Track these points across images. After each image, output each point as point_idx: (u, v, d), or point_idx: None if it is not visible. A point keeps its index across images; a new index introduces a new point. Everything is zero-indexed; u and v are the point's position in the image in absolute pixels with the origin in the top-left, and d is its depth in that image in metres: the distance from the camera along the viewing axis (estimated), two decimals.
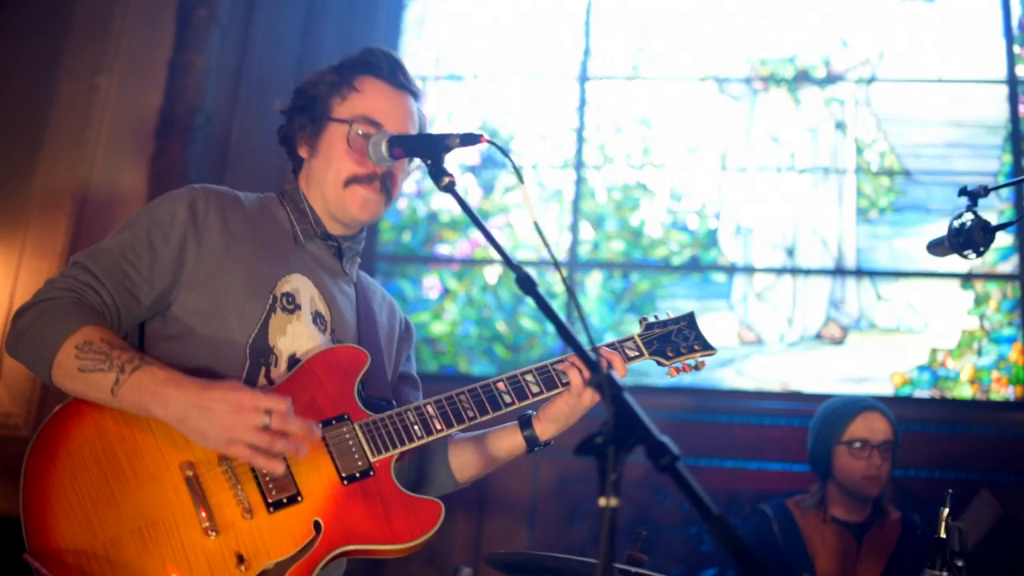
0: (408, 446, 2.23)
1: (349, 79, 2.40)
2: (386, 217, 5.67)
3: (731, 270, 5.42)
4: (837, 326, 5.27)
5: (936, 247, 3.31)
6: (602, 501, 1.60)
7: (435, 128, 5.75)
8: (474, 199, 5.65)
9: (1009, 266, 5.26)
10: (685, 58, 5.74)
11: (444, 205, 5.67)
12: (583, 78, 5.78)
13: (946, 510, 2.72)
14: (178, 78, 5.39)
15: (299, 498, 2.10)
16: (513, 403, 2.33)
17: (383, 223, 5.65)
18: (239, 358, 2.21)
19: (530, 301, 2.24)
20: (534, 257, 5.53)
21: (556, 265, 1.92)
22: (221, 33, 5.48)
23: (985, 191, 3.28)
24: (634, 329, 2.55)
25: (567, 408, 2.36)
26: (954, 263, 5.24)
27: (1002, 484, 4.81)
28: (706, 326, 2.61)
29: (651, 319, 2.58)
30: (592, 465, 4.86)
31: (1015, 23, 5.62)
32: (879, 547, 3.71)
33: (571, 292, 1.84)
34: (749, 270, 5.41)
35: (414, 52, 5.99)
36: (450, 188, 2.10)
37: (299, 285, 2.32)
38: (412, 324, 2.72)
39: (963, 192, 3.30)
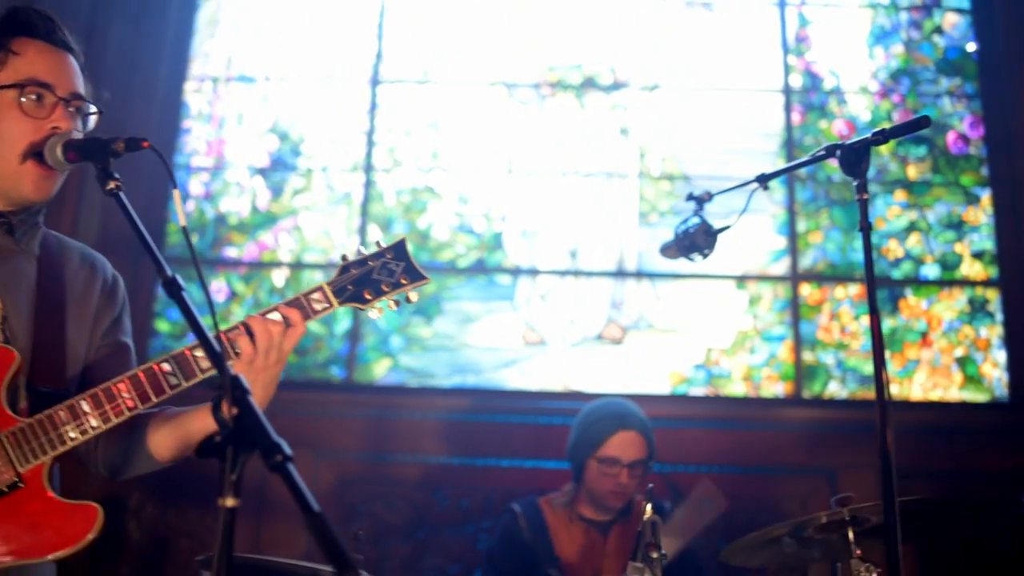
0: (60, 450, 2.14)
1: (3, 43, 2.25)
2: (173, 219, 5.58)
3: (516, 272, 5.50)
4: (617, 327, 5.40)
5: (667, 250, 3.45)
6: (221, 501, 1.62)
7: (226, 129, 5.73)
8: (263, 201, 5.60)
9: (781, 268, 5.47)
10: (475, 63, 5.81)
11: (233, 208, 5.61)
12: (375, 81, 5.79)
13: (648, 504, 2.81)
14: None
15: None
16: (180, 384, 2.19)
17: (170, 225, 5.56)
18: None
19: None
20: (322, 260, 5.51)
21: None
22: None
23: (709, 196, 3.42)
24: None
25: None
26: (730, 265, 5.46)
27: (766, 476, 5.01)
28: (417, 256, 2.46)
29: (351, 257, 2.37)
30: (372, 465, 4.86)
31: (791, 36, 5.86)
32: (625, 541, 3.81)
33: (205, 287, 1.84)
34: (533, 272, 5.50)
35: (206, 53, 5.91)
36: (114, 194, 2.04)
37: None
38: (121, 281, 2.52)
39: (690, 197, 3.45)
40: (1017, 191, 5.48)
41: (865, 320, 5.37)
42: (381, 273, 2.35)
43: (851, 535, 2.84)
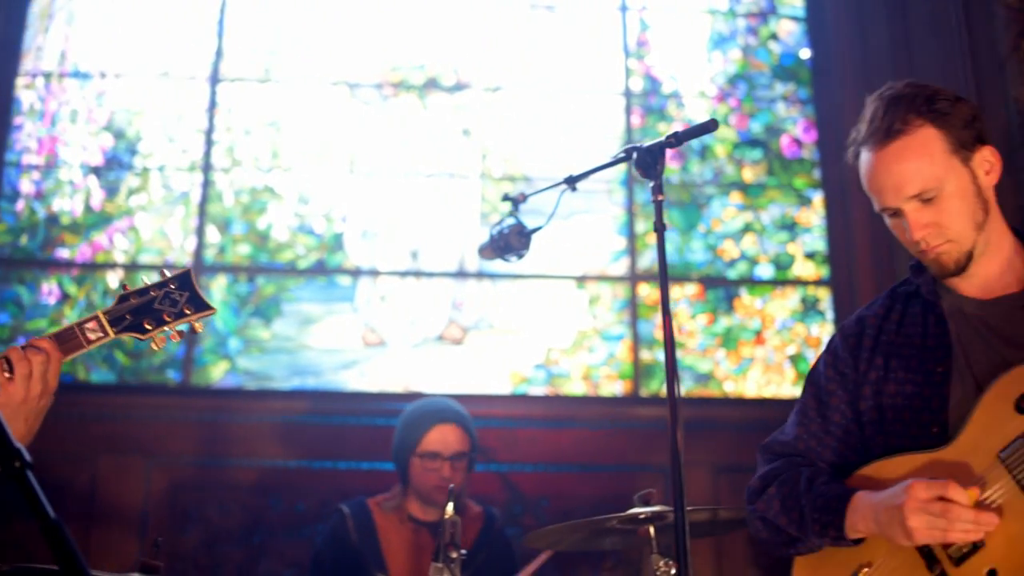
0: None
1: None
2: (2, 219, 5.41)
3: (356, 273, 5.46)
4: (458, 327, 5.41)
5: (483, 251, 3.48)
6: None
7: (59, 126, 5.56)
8: (97, 201, 5.45)
9: (621, 268, 5.55)
10: (317, 62, 5.76)
11: (65, 207, 5.45)
12: (214, 79, 5.69)
13: (450, 504, 2.83)
14: None
15: None
16: None
17: None
18: None
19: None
20: (159, 261, 5.39)
21: None
22: None
23: (523, 197, 3.45)
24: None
25: None
26: (570, 266, 5.52)
27: (605, 475, 5.07)
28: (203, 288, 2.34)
29: (131, 288, 2.32)
30: (207, 470, 4.75)
31: (632, 40, 5.95)
32: None
33: None
34: (374, 273, 5.47)
35: (39, 47, 5.73)
36: None
37: None
38: None
39: (506, 198, 3.47)
40: (847, 193, 5.65)
41: (702, 319, 5.49)
42: (163, 303, 2.31)
43: (652, 531, 2.90)
